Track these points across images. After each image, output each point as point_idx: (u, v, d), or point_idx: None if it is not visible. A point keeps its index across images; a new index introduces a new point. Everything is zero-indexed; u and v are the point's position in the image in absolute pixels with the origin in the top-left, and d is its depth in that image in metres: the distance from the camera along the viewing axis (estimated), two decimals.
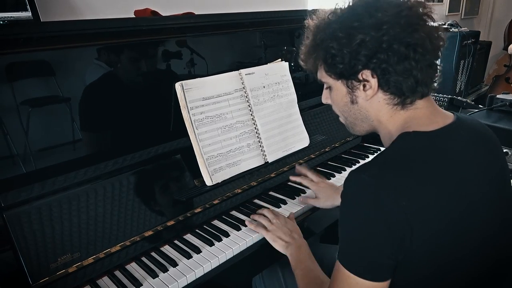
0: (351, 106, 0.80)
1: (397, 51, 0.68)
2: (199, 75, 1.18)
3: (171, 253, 1.00)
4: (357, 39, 0.69)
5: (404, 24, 0.68)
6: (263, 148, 1.24)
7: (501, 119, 1.55)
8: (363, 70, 0.72)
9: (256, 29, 1.39)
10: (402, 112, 0.75)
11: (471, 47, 2.86)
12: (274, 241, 1.01)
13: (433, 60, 0.72)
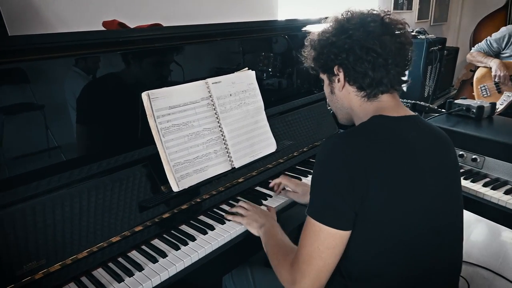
0: (332, 96, 0.99)
1: (354, 51, 0.85)
2: (167, 84, 1.21)
3: (138, 258, 1.02)
4: (330, 40, 0.89)
5: (363, 32, 0.84)
6: (230, 154, 1.28)
7: (458, 123, 1.63)
8: (335, 65, 0.91)
9: (224, 39, 1.43)
10: (369, 103, 0.91)
11: (438, 53, 2.98)
12: (249, 224, 1.11)
13: (389, 62, 0.85)
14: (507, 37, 2.64)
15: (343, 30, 0.87)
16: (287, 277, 0.87)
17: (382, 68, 0.85)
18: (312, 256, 0.82)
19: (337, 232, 0.80)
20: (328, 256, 0.81)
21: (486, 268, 2.07)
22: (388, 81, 0.87)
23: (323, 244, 0.81)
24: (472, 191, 1.35)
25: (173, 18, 1.69)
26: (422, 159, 0.84)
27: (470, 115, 1.65)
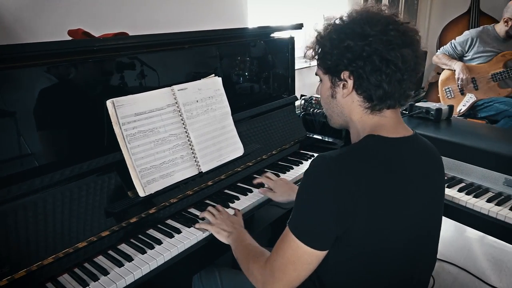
0: (331, 100, 0.91)
1: (373, 61, 0.79)
2: (135, 91, 1.23)
3: (104, 263, 1.04)
4: (345, 43, 0.80)
5: (385, 41, 0.78)
6: (197, 159, 1.31)
7: (419, 124, 1.71)
8: (344, 70, 0.84)
9: (191, 46, 1.47)
10: (371, 117, 0.86)
11: None
12: (218, 233, 1.13)
13: (405, 78, 0.80)
14: (470, 40, 2.76)
15: (363, 35, 0.79)
16: (259, 277, 0.90)
17: (397, 83, 0.80)
18: (287, 267, 0.83)
19: (314, 251, 0.80)
20: (302, 269, 0.83)
21: (451, 263, 2.16)
22: (398, 96, 0.83)
23: (299, 259, 0.82)
24: None
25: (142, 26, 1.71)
26: (413, 187, 0.83)
27: (430, 117, 1.73)
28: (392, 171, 0.80)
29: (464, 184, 1.43)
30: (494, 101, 2.66)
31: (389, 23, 0.79)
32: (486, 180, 1.39)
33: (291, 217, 0.84)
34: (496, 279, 2.02)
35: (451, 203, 1.36)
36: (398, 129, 0.86)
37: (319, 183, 0.79)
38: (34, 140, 1.07)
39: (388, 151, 0.82)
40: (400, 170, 0.82)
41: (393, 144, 0.83)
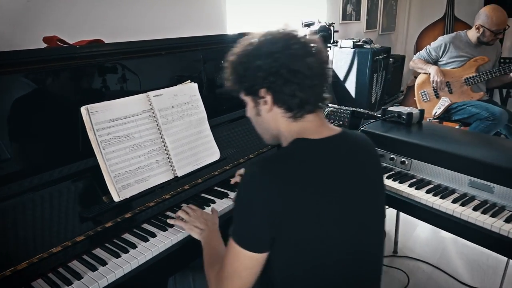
0: (258, 118, 0.98)
1: (282, 75, 0.86)
2: (111, 98, 1.25)
3: (78, 267, 1.05)
4: (255, 64, 0.88)
5: (289, 55, 0.85)
6: (173, 164, 1.34)
7: (391, 128, 1.77)
8: (261, 88, 0.90)
9: (168, 53, 1.49)
10: (295, 124, 0.92)
11: (382, 62, 3.17)
12: (191, 229, 1.17)
13: (315, 83, 0.88)
14: (444, 46, 2.85)
15: (269, 53, 0.86)
16: (214, 284, 0.95)
17: (308, 89, 0.87)
18: (232, 275, 0.88)
19: (254, 255, 0.86)
20: (246, 276, 0.87)
21: (425, 262, 2.23)
22: (314, 101, 0.90)
23: (241, 265, 0.87)
24: (399, 191, 1.48)
25: (119, 34, 1.73)
26: (342, 182, 0.89)
27: (401, 121, 1.79)
28: (318, 169, 0.87)
29: (432, 185, 1.48)
30: (467, 105, 2.75)
31: (290, 38, 0.87)
32: (453, 182, 1.44)
33: (232, 226, 0.89)
34: (468, 277, 2.09)
35: (420, 204, 1.41)
36: (321, 130, 0.93)
37: (250, 190, 0.85)
38: (7, 146, 1.08)
39: (313, 151, 0.89)
40: (326, 168, 0.88)
41: (317, 145, 0.90)
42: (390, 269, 2.17)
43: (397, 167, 1.62)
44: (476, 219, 1.26)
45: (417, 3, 4.73)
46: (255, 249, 0.85)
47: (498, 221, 1.23)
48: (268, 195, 0.82)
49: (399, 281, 2.07)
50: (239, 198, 0.88)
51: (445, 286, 2.04)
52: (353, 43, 3.17)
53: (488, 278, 2.07)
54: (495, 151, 1.49)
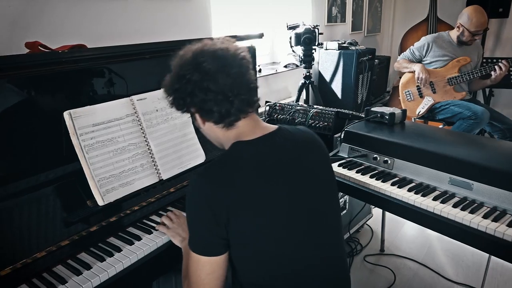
0: (202, 130, 1.04)
1: (196, 94, 0.90)
2: (95, 102, 1.26)
3: (62, 272, 1.06)
4: (175, 87, 0.93)
5: (198, 73, 0.89)
6: (158, 167, 1.34)
7: (374, 128, 1.80)
8: (188, 106, 0.95)
9: (152, 56, 1.50)
10: (230, 131, 0.97)
11: (367, 63, 3.21)
12: (173, 237, 1.18)
13: (230, 95, 0.90)
14: (427, 46, 2.90)
15: (180, 76, 0.91)
16: None
17: (224, 102, 0.90)
18: (197, 284, 0.91)
19: (211, 258, 0.89)
20: (209, 281, 0.90)
21: (411, 259, 2.26)
22: (235, 110, 0.92)
23: (202, 271, 0.90)
24: (382, 190, 1.50)
25: (104, 38, 1.73)
26: (284, 174, 0.93)
27: (384, 121, 1.82)
28: (256, 167, 0.91)
29: (414, 184, 1.51)
30: (450, 104, 2.80)
31: (200, 56, 0.90)
32: (434, 180, 1.48)
33: (188, 237, 0.93)
34: (453, 273, 2.13)
35: (402, 202, 1.44)
36: (256, 131, 0.97)
37: (194, 199, 0.90)
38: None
39: (248, 151, 0.94)
40: (264, 164, 0.92)
41: (253, 144, 0.95)
42: (377, 267, 2.21)
43: (380, 166, 1.65)
44: (456, 215, 1.29)
45: (401, 4, 4.80)
46: (211, 253, 0.89)
47: (477, 217, 1.26)
48: (208, 199, 0.87)
49: (385, 279, 2.10)
50: (187, 207, 0.92)
51: (431, 282, 2.08)
52: (338, 45, 3.21)
53: (472, 273, 2.11)
54: (474, 149, 1.52)
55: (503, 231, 1.18)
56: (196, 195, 0.89)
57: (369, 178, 1.59)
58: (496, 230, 1.20)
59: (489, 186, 1.34)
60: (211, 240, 0.89)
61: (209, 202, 0.86)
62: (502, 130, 2.72)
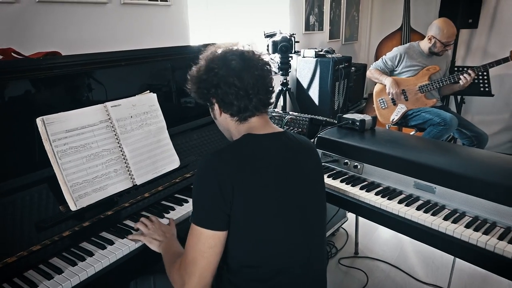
0: (216, 121, 1.15)
1: (221, 87, 1.02)
2: (70, 108, 1.27)
3: (34, 276, 1.07)
4: (202, 78, 1.05)
5: (226, 69, 1.02)
6: (132, 172, 1.37)
7: (346, 134, 1.86)
8: (210, 97, 1.07)
9: (127, 64, 1.53)
10: (242, 125, 1.08)
11: (343, 71, 3.30)
12: (150, 242, 1.21)
13: (250, 92, 1.02)
14: (399, 56, 3.01)
15: (210, 68, 1.03)
16: (178, 279, 1.00)
17: (244, 98, 1.02)
18: (196, 257, 0.96)
19: (215, 233, 0.96)
20: (209, 255, 0.96)
21: (384, 261, 2.34)
22: (252, 107, 1.04)
23: (204, 245, 0.96)
24: (351, 194, 1.57)
25: (80, 46, 1.75)
26: (284, 168, 1.03)
27: (355, 128, 1.89)
28: (263, 157, 1.01)
29: (381, 188, 1.58)
30: (421, 111, 2.91)
31: (230, 55, 1.03)
32: (400, 184, 1.54)
33: (191, 215, 1.00)
34: (423, 274, 2.21)
35: (369, 205, 1.50)
36: (265, 128, 1.08)
37: (205, 175, 0.98)
38: None
39: (259, 142, 1.04)
40: (271, 156, 1.02)
41: (263, 137, 1.06)
42: (351, 269, 2.27)
43: (350, 171, 1.71)
44: (418, 218, 1.35)
45: (377, 14, 4.95)
46: (216, 227, 0.95)
47: (438, 219, 1.33)
48: (219, 175, 0.95)
49: (358, 281, 2.16)
50: (196, 183, 0.99)
51: (402, 283, 2.15)
52: (315, 52, 3.29)
53: (441, 274, 2.19)
54: (438, 155, 1.60)
55: (460, 232, 1.25)
56: (207, 171, 0.98)
57: (339, 182, 1.65)
58: (455, 231, 1.27)
59: (450, 189, 1.41)
60: (216, 214, 0.95)
61: (218, 178, 0.94)
62: (469, 137, 2.84)
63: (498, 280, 2.11)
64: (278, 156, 1.04)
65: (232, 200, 0.95)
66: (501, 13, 3.91)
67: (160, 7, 2.12)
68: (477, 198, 1.34)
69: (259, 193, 0.98)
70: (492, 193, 1.31)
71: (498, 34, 3.95)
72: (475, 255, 1.22)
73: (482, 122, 3.99)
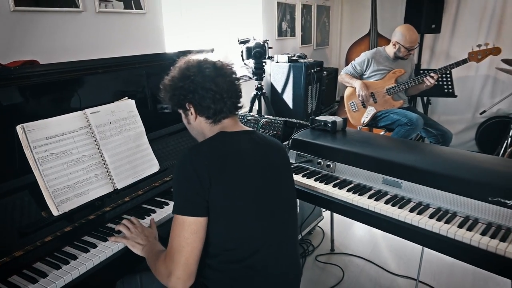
0: (190, 125, 1.23)
1: (198, 92, 1.12)
2: (49, 116, 1.30)
3: (18, 281, 1.08)
4: (178, 85, 1.14)
5: (201, 76, 1.12)
6: (112, 177, 1.40)
7: (319, 135, 1.95)
8: (186, 102, 1.15)
9: (105, 71, 1.56)
10: (216, 126, 1.18)
11: (315, 75, 3.42)
12: (133, 246, 1.25)
13: (224, 96, 1.13)
14: (367, 61, 3.15)
15: (186, 76, 1.13)
16: (164, 270, 1.06)
17: (220, 101, 1.13)
18: (181, 245, 1.03)
19: (197, 219, 1.03)
20: (193, 240, 1.03)
21: (359, 256, 2.44)
22: (227, 109, 1.15)
23: (187, 231, 1.03)
24: (324, 191, 1.65)
25: (58, 54, 1.76)
26: (255, 159, 1.14)
27: (327, 129, 1.98)
28: (236, 150, 1.12)
29: (353, 184, 1.67)
30: (389, 112, 3.05)
31: (203, 64, 1.14)
32: (369, 180, 1.64)
33: (173, 206, 1.06)
34: (395, 267, 2.33)
35: (342, 201, 1.59)
36: (236, 128, 1.19)
37: (183, 167, 1.07)
38: None
39: (231, 137, 1.15)
40: (240, 150, 1.12)
41: (235, 134, 1.17)
42: (327, 265, 2.35)
43: (323, 170, 1.80)
44: (387, 211, 1.45)
45: (347, 20, 5.13)
46: (197, 213, 1.03)
47: (404, 212, 1.43)
48: (196, 166, 1.03)
49: (335, 276, 2.25)
50: (176, 175, 1.08)
51: (376, 276, 2.26)
52: (288, 58, 3.40)
53: (411, 266, 2.31)
54: (403, 152, 1.71)
55: (425, 223, 1.36)
56: (185, 164, 1.06)
57: (313, 181, 1.73)
58: (420, 222, 1.37)
59: (415, 184, 1.52)
60: (197, 201, 1.03)
61: (196, 169, 1.03)
62: (435, 135, 3.00)
63: (463, 267, 2.25)
64: (249, 149, 1.14)
65: (209, 188, 1.03)
66: (461, 19, 4.15)
67: (135, 15, 2.16)
68: (439, 191, 1.45)
69: (235, 182, 1.07)
70: (453, 186, 1.42)
71: (459, 38, 4.19)
72: (438, 243, 1.33)
73: (447, 121, 4.20)
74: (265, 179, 1.14)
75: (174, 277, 1.03)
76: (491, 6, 3.94)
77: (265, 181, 1.14)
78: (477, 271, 2.23)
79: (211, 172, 1.03)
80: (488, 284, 2.15)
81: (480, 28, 4.05)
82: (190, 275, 1.04)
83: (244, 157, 1.12)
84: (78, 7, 1.84)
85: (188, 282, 1.04)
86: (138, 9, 2.17)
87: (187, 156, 1.08)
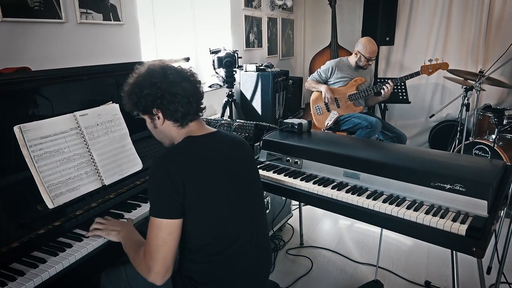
0: (156, 130, 1.29)
1: (165, 97, 1.18)
2: (42, 118, 1.41)
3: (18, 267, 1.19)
4: (144, 92, 1.20)
5: (167, 82, 1.18)
6: (100, 174, 1.52)
7: (287, 136, 2.15)
8: (153, 108, 1.21)
9: (89, 78, 1.69)
10: (183, 130, 1.25)
11: (282, 83, 3.65)
12: (108, 234, 1.34)
13: (191, 100, 1.21)
14: (331, 69, 3.42)
15: (152, 83, 1.18)
16: (144, 267, 1.14)
17: (187, 104, 1.20)
18: (158, 244, 1.11)
19: (173, 221, 1.11)
20: (169, 240, 1.11)
21: (326, 248, 2.65)
22: (193, 112, 1.23)
23: (164, 232, 1.11)
24: (293, 185, 1.84)
25: (46, 62, 1.87)
26: (223, 160, 1.23)
27: (294, 130, 2.19)
28: (205, 154, 1.20)
29: (318, 178, 1.88)
30: (351, 116, 3.32)
31: (167, 70, 1.20)
32: (332, 174, 1.85)
33: (150, 209, 1.14)
34: (359, 256, 2.55)
35: (308, 192, 1.78)
36: (202, 130, 1.27)
37: (157, 173, 1.13)
38: None
39: (198, 142, 1.23)
40: (209, 153, 1.21)
41: (201, 138, 1.24)
42: (297, 257, 2.54)
43: (292, 166, 2.00)
44: (347, 198, 1.66)
45: (309, 33, 5.45)
46: (171, 216, 1.11)
47: (362, 198, 1.65)
48: (167, 172, 1.10)
49: (304, 266, 2.44)
50: (150, 181, 1.14)
51: (341, 265, 2.47)
52: (256, 67, 3.61)
53: (372, 254, 2.54)
54: (361, 149, 1.94)
55: (379, 206, 1.57)
56: (158, 170, 1.12)
57: (283, 176, 1.92)
58: (375, 206, 1.58)
59: (371, 175, 1.74)
60: (171, 205, 1.11)
61: (169, 174, 1.10)
62: (391, 137, 3.29)
63: (418, 252, 2.51)
64: (217, 151, 1.23)
65: (184, 191, 1.10)
66: (412, 32, 4.54)
67: (114, 26, 2.28)
68: (391, 179, 1.68)
69: (207, 184, 1.16)
70: (402, 175, 1.65)
71: (411, 50, 4.58)
72: (392, 223, 1.54)
73: (403, 126, 4.56)
74: (235, 176, 1.23)
75: (153, 272, 1.11)
76: (437, 22, 4.35)
77: (236, 178, 1.23)
78: (431, 254, 2.50)
79: (184, 178, 1.10)
80: (440, 265, 2.41)
81: (428, 41, 4.44)
82: (167, 269, 1.12)
83: (214, 159, 1.19)
84: (61, 19, 1.95)
85: (166, 275, 1.13)
86: (116, 21, 2.30)
87: (159, 163, 1.13)
